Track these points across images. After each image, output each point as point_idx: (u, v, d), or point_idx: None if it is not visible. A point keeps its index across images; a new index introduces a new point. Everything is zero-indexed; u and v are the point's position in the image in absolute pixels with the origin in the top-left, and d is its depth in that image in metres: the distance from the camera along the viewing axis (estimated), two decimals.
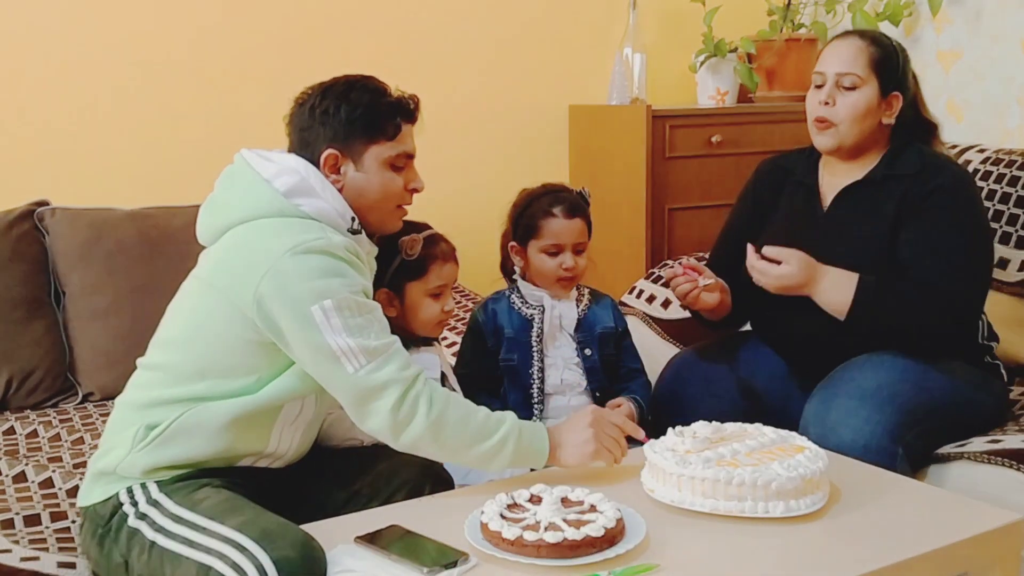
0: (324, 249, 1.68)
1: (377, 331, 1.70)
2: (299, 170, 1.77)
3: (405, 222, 2.13)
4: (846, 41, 2.25)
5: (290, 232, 1.70)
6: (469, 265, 3.01)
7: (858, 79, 2.19)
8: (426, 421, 1.68)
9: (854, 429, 1.99)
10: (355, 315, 1.67)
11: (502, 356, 2.28)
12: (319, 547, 1.55)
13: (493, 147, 3.43)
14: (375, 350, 1.67)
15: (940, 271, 2.11)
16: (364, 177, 1.81)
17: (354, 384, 1.67)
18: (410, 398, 1.68)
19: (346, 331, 1.66)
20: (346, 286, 1.68)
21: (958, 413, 2.16)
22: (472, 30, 3.36)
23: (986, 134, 3.19)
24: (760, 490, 1.66)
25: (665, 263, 3.11)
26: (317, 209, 1.75)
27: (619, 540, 1.55)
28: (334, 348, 1.66)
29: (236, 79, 3.05)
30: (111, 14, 2.90)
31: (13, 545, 1.85)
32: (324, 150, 1.79)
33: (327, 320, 1.65)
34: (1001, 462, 2.03)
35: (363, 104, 1.80)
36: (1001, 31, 3.16)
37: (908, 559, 1.57)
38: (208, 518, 1.61)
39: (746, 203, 2.46)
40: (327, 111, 1.79)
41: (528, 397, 2.26)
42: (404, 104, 1.84)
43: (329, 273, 1.68)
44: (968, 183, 2.24)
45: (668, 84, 3.62)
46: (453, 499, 1.80)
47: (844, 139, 2.22)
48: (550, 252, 2.24)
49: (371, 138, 1.80)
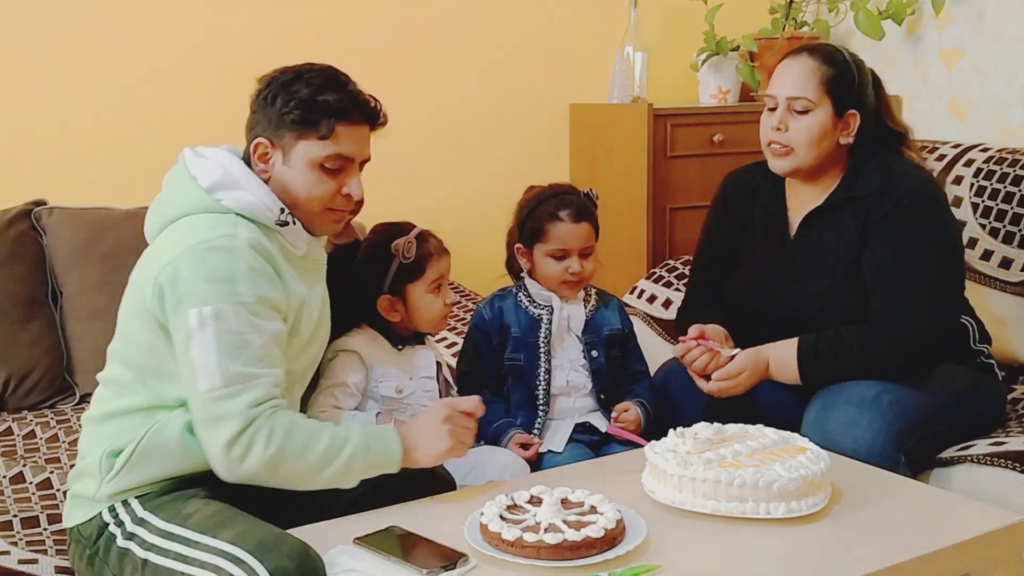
0: (224, 247, 1.64)
1: (248, 357, 1.62)
2: (224, 164, 1.74)
3: (388, 224, 2.13)
4: (796, 61, 2.15)
5: (201, 228, 1.67)
6: (469, 265, 3.00)
7: (810, 103, 2.11)
8: (261, 458, 1.61)
9: (855, 437, 1.97)
10: (231, 332, 1.61)
11: (508, 355, 2.25)
12: (316, 555, 1.54)
13: (493, 147, 3.43)
14: (235, 376, 1.61)
15: (892, 303, 2.06)
16: (289, 172, 1.75)
17: (201, 403, 1.62)
18: (247, 436, 1.61)
19: (215, 345, 1.60)
20: (232, 295, 1.62)
21: (957, 416, 2.15)
22: (472, 30, 3.35)
23: (989, 133, 3.18)
24: (761, 491, 1.66)
25: (666, 262, 3.11)
26: (239, 202, 1.71)
27: (619, 541, 1.55)
28: (194, 360, 1.60)
29: (235, 79, 3.03)
30: (109, 15, 2.89)
31: (11, 547, 1.85)
32: (255, 138, 1.76)
33: (200, 327, 1.60)
34: (1004, 464, 2.02)
35: (299, 97, 1.73)
36: (1004, 30, 3.15)
37: (910, 560, 1.56)
38: (200, 532, 1.59)
39: (720, 221, 2.40)
40: (267, 99, 1.75)
41: (533, 398, 2.24)
42: (350, 105, 1.75)
43: (220, 277, 1.62)
44: (927, 196, 2.12)
45: (669, 83, 3.61)
46: (453, 500, 1.80)
47: (801, 163, 2.15)
48: (556, 256, 2.21)
49: (301, 133, 1.74)
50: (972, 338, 2.26)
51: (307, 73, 1.76)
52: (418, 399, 2.09)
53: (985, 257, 2.71)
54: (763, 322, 2.20)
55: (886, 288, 2.08)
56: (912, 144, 2.26)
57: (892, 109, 2.25)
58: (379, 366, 2.07)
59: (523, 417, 2.23)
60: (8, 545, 1.86)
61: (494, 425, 2.19)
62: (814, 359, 2.08)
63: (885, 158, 2.17)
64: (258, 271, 1.66)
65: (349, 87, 1.77)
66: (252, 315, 1.63)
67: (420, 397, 2.09)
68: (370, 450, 1.69)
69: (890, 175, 2.14)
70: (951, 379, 2.14)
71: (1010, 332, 2.63)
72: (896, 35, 3.43)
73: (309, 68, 1.78)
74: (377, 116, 1.81)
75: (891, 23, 3.31)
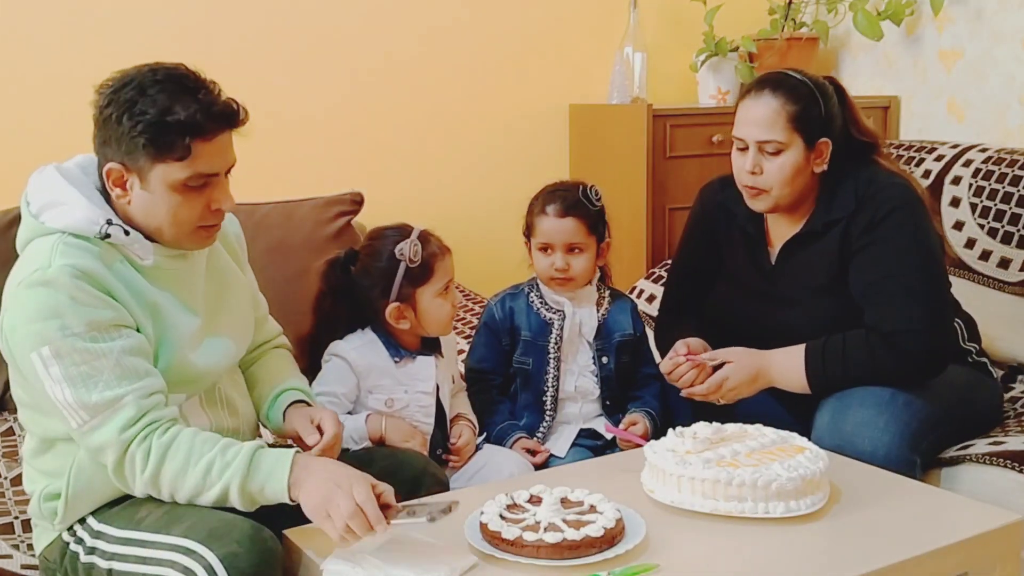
0: (41, 282, 1.55)
1: (105, 381, 1.57)
2: (48, 186, 1.65)
3: (386, 228, 2.08)
4: (760, 102, 2.11)
5: (22, 263, 1.62)
6: (469, 265, 3.00)
7: (780, 144, 2.08)
8: (143, 477, 1.59)
9: (872, 440, 1.96)
10: (77, 364, 1.55)
11: (516, 358, 2.24)
12: (270, 537, 1.55)
13: (493, 147, 3.43)
14: (96, 406, 1.56)
15: (893, 314, 2.04)
16: (150, 197, 1.63)
17: (79, 438, 1.61)
18: (127, 459, 1.58)
19: (66, 382, 1.55)
20: (62, 329, 1.54)
21: (962, 416, 2.15)
22: (473, 30, 3.35)
23: (987, 133, 3.19)
24: (760, 491, 1.66)
25: (665, 262, 3.11)
26: (61, 220, 1.61)
27: (619, 540, 1.55)
28: (56, 400, 1.57)
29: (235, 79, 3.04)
30: (108, 15, 2.89)
31: (13, 551, 1.85)
32: (106, 163, 1.63)
33: (46, 369, 1.55)
34: (1004, 464, 2.03)
35: (146, 119, 1.58)
36: (1002, 30, 3.15)
37: (908, 559, 1.56)
38: (154, 532, 1.59)
39: (697, 238, 2.38)
40: (110, 119, 1.60)
41: (540, 402, 2.23)
42: (203, 118, 1.60)
43: (45, 314, 1.55)
44: (902, 204, 2.09)
45: (669, 83, 3.61)
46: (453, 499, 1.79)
47: (779, 201, 2.14)
48: (543, 250, 2.22)
49: (155, 157, 1.60)
50: (961, 337, 2.26)
51: (150, 88, 1.59)
52: (411, 413, 2.05)
53: (984, 257, 2.72)
54: (746, 345, 2.17)
55: (883, 299, 2.06)
56: (883, 152, 2.22)
57: (859, 118, 2.20)
58: (372, 376, 2.03)
59: (528, 419, 2.22)
60: (10, 548, 1.86)
61: (498, 427, 2.19)
62: (823, 362, 2.07)
63: (858, 176, 2.14)
64: (81, 299, 1.56)
65: (200, 95, 1.61)
66: (90, 342, 1.56)
67: (414, 412, 2.05)
68: (249, 482, 1.58)
69: (864, 192, 2.11)
70: (951, 379, 2.13)
71: (1009, 332, 2.63)
72: (895, 35, 3.43)
73: (151, 77, 1.61)
74: (236, 117, 1.66)
75: (890, 24, 3.31)
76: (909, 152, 3.03)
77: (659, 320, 2.45)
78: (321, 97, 3.15)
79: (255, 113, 3.00)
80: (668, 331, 2.30)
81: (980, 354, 2.29)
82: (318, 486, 1.55)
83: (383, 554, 1.54)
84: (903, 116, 3.46)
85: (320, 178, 3.07)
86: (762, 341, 2.15)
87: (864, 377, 2.04)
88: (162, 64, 1.65)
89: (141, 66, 1.64)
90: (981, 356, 2.29)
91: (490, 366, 2.27)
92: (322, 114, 3.16)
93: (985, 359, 2.30)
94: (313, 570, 1.57)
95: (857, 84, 3.60)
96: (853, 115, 2.19)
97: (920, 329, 2.03)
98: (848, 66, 3.65)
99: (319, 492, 1.55)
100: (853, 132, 2.18)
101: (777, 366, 2.12)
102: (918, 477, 1.97)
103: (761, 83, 2.15)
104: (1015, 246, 2.66)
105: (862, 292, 2.09)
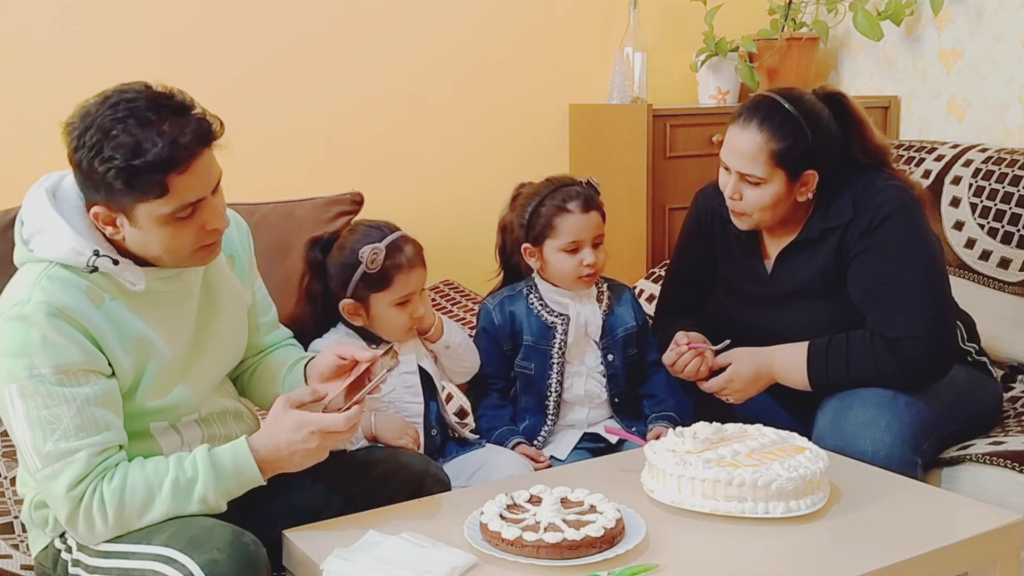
0: (18, 317, 1.53)
1: (63, 430, 1.53)
2: (37, 211, 1.61)
3: (367, 224, 2.07)
4: (746, 135, 2.08)
5: (10, 289, 1.59)
6: (468, 265, 3.00)
7: (760, 179, 2.07)
8: (106, 528, 1.57)
9: (873, 440, 1.96)
10: (39, 407, 1.53)
11: (518, 362, 2.20)
12: (252, 541, 1.55)
13: (493, 147, 3.43)
14: (49, 455, 1.54)
15: (889, 318, 2.04)
16: (142, 233, 1.59)
17: (39, 484, 1.59)
18: (81, 515, 1.56)
19: (27, 423, 1.53)
20: (29, 368, 1.51)
21: (964, 416, 2.15)
22: (472, 30, 3.35)
23: (987, 133, 3.19)
24: (760, 491, 1.66)
25: (665, 262, 3.11)
26: (49, 250, 1.58)
27: (619, 540, 1.55)
28: (17, 438, 1.56)
29: (235, 79, 3.04)
30: (106, 15, 2.89)
31: (13, 551, 1.85)
32: (91, 206, 1.59)
33: (12, 406, 1.54)
34: (1004, 464, 2.03)
35: (116, 165, 1.52)
36: (1003, 30, 3.15)
37: (908, 559, 1.57)
38: (135, 542, 1.58)
39: (693, 244, 2.38)
40: (81, 164, 1.55)
41: (543, 406, 2.20)
42: (172, 153, 1.53)
43: (16, 351, 1.52)
44: (900, 207, 2.07)
45: (669, 83, 3.61)
46: (453, 499, 1.80)
47: (760, 223, 2.15)
48: (569, 251, 2.15)
49: (136, 199, 1.55)
50: (961, 337, 2.25)
51: (113, 128, 1.52)
52: (400, 395, 2.06)
53: (984, 257, 2.72)
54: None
55: (884, 304, 2.05)
56: (890, 165, 2.19)
57: (869, 135, 2.16)
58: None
59: (530, 422, 2.20)
60: (9, 548, 1.85)
61: (497, 432, 2.17)
62: (825, 359, 2.07)
63: (856, 183, 2.12)
64: (53, 340, 1.53)
65: (166, 125, 1.53)
66: (56, 385, 1.53)
67: (402, 393, 2.06)
68: (220, 482, 1.60)
69: (861, 198, 2.10)
70: (952, 379, 2.13)
71: (1009, 332, 2.63)
72: (895, 35, 3.43)
73: (111, 116, 1.53)
74: (209, 136, 1.58)
75: (890, 24, 3.31)
76: (909, 152, 3.03)
77: (656, 322, 2.45)
78: (321, 97, 3.15)
79: (255, 113, 3.02)
80: (666, 329, 2.29)
81: (980, 354, 2.29)
82: (283, 459, 1.62)
83: (383, 554, 1.54)
84: (903, 116, 3.46)
85: (320, 178, 3.07)
86: (759, 345, 2.16)
87: (866, 379, 2.04)
88: (124, 92, 1.56)
89: (101, 97, 1.56)
90: (981, 356, 2.29)
91: (491, 371, 2.23)
92: (322, 114, 3.16)
93: (985, 359, 2.30)
94: (313, 570, 1.57)
95: (857, 84, 3.60)
96: (861, 133, 2.15)
97: (923, 335, 2.02)
98: (848, 66, 3.65)
99: (290, 460, 1.63)
100: (856, 151, 2.15)
101: (779, 362, 2.12)
102: (919, 477, 1.97)
103: (752, 111, 2.10)
104: (1015, 246, 2.66)
105: (862, 297, 2.09)
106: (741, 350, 2.15)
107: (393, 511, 1.72)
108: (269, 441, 1.63)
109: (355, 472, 1.85)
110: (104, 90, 1.59)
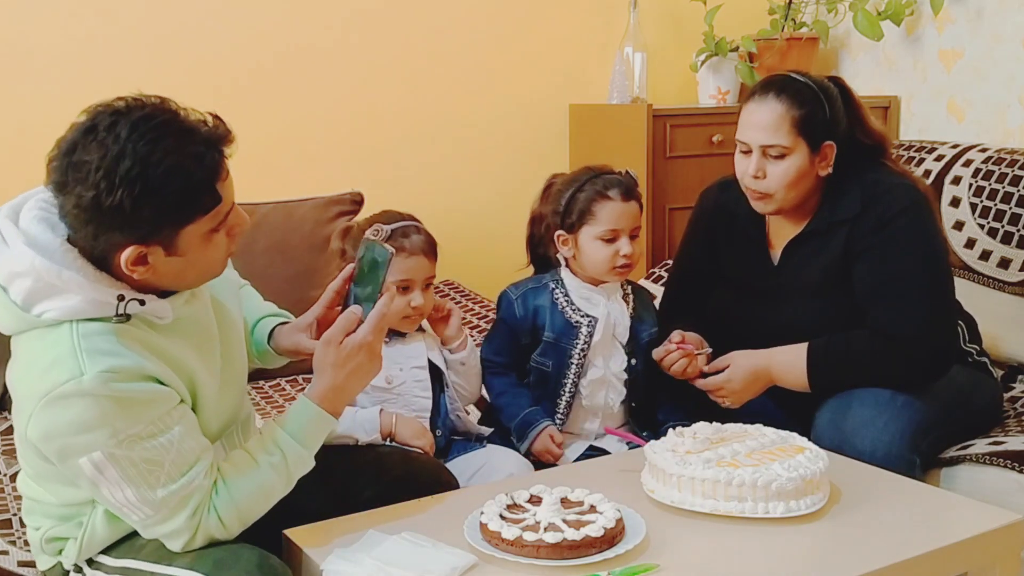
0: (76, 394, 1.41)
1: (167, 474, 1.48)
2: (32, 269, 1.44)
3: (391, 212, 2.07)
4: (765, 107, 2.09)
5: (41, 367, 1.44)
6: (468, 265, 3.01)
7: (785, 148, 2.07)
8: (228, 533, 1.55)
9: (872, 439, 1.96)
10: (135, 463, 1.45)
11: (535, 357, 2.13)
12: (278, 564, 1.53)
13: (493, 147, 3.43)
14: (163, 503, 1.49)
15: (898, 316, 2.04)
16: (180, 261, 1.49)
17: (140, 528, 1.54)
18: (200, 535, 1.53)
19: (126, 482, 1.46)
20: (113, 436, 1.42)
21: (963, 415, 2.15)
22: (472, 30, 3.35)
23: (987, 133, 3.19)
24: (760, 491, 1.66)
25: (666, 262, 3.11)
26: (68, 312, 1.45)
27: (619, 540, 1.55)
28: (113, 502, 1.49)
29: (235, 79, 3.04)
30: (105, 15, 2.89)
31: (10, 547, 1.84)
32: (121, 252, 1.44)
33: (100, 473, 1.45)
34: (1004, 464, 2.03)
35: (174, 191, 1.41)
36: (1003, 30, 3.15)
37: (908, 559, 1.56)
38: (154, 562, 1.54)
39: (698, 241, 2.38)
40: (120, 208, 1.39)
41: (553, 408, 2.14)
42: (213, 162, 1.45)
43: (92, 425, 1.42)
44: (910, 206, 2.08)
45: (669, 83, 3.61)
46: (453, 499, 1.80)
47: (783, 204, 2.13)
48: (607, 239, 2.07)
49: (186, 222, 1.46)
50: (962, 338, 2.25)
51: (152, 154, 1.40)
52: (409, 389, 2.05)
53: (984, 257, 2.72)
54: (746, 347, 2.17)
55: (888, 301, 2.05)
56: (891, 155, 2.21)
57: (866, 119, 2.18)
58: None
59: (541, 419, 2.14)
60: (6, 544, 1.85)
61: (526, 411, 2.10)
62: (824, 360, 2.07)
63: (863, 178, 2.13)
64: (129, 402, 1.44)
65: (197, 134, 1.45)
66: (148, 438, 1.46)
67: (411, 387, 2.05)
68: (308, 447, 1.61)
69: (870, 193, 2.10)
70: (951, 379, 2.13)
71: (1009, 332, 2.63)
72: (895, 36, 3.43)
73: (142, 142, 1.40)
74: (227, 136, 1.50)
75: (890, 24, 3.31)
76: (909, 152, 3.03)
77: (659, 320, 2.45)
78: (321, 97, 3.15)
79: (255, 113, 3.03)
80: (666, 329, 2.29)
81: (980, 354, 2.29)
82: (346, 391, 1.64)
83: (383, 554, 1.54)
84: (903, 116, 3.46)
85: (320, 178, 3.07)
86: (763, 341, 2.15)
87: (867, 378, 2.04)
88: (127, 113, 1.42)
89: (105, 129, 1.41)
90: (981, 356, 2.29)
91: (505, 360, 2.16)
92: (322, 114, 3.16)
93: (985, 359, 2.30)
94: (313, 570, 1.57)
95: (857, 84, 3.59)
96: (860, 116, 2.17)
97: (924, 333, 2.03)
98: (848, 66, 3.66)
99: (352, 388, 1.65)
100: (859, 134, 2.16)
101: (778, 364, 2.12)
102: (918, 477, 1.97)
103: (766, 86, 2.13)
104: (1015, 246, 2.66)
105: (867, 293, 2.09)
106: (739, 352, 2.15)
107: (393, 511, 1.72)
108: (326, 389, 1.63)
109: (369, 475, 1.83)
110: (84, 121, 1.44)
